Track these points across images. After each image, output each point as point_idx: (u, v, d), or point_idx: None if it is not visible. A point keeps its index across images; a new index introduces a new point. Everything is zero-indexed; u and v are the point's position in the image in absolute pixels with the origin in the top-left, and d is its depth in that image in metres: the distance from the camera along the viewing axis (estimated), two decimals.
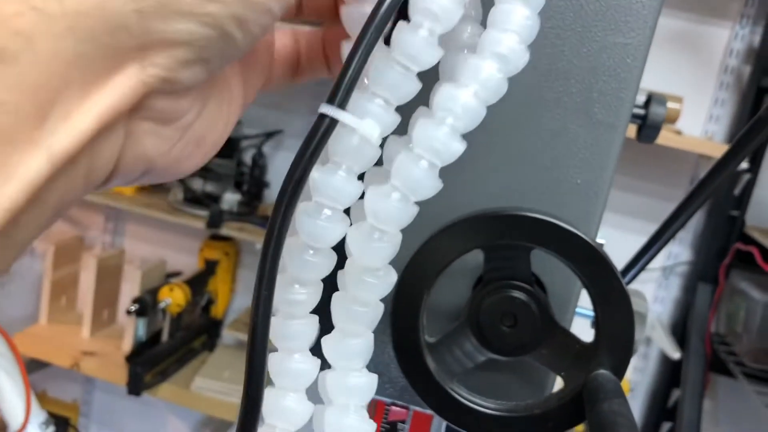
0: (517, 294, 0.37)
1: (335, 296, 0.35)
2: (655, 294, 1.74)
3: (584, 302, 0.41)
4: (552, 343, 0.38)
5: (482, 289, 0.37)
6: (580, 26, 0.38)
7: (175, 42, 0.24)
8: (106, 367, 1.72)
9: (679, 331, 1.69)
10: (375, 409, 0.50)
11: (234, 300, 1.96)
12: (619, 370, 0.39)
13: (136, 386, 1.55)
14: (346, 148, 0.31)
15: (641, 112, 0.59)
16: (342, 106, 0.30)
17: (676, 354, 1.54)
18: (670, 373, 1.73)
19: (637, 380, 1.79)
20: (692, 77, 1.63)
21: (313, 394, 0.36)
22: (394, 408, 0.49)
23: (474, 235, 0.36)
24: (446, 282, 0.38)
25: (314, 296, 0.35)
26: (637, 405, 1.81)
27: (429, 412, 0.48)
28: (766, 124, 0.64)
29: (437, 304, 0.41)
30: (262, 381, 0.31)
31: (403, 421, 0.52)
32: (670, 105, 1.47)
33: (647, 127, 0.59)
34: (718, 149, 1.41)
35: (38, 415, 1.41)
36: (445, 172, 0.32)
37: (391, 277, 0.35)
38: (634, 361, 1.79)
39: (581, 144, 0.39)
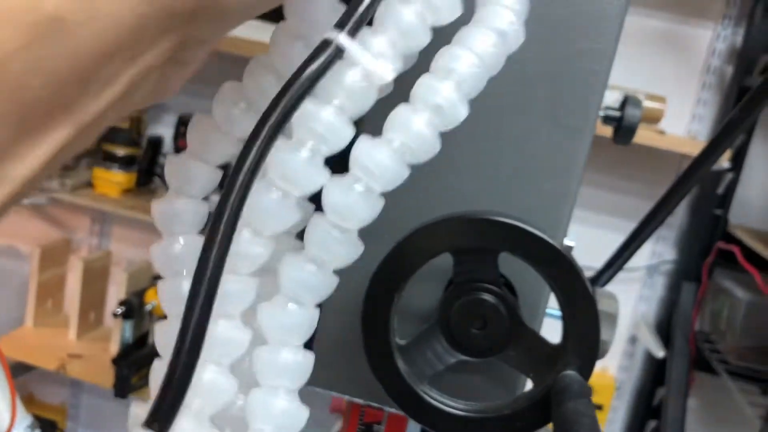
0: (486, 297, 0.38)
1: (285, 259, 0.32)
2: (641, 293, 1.75)
3: (555, 303, 0.42)
4: (520, 345, 0.39)
5: (452, 291, 0.38)
6: (546, 32, 0.38)
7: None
8: (92, 369, 1.71)
9: (664, 329, 1.70)
10: (350, 411, 0.50)
11: None
12: (586, 371, 0.40)
13: (122, 389, 1.55)
14: (347, 86, 0.29)
15: (617, 114, 0.60)
16: (353, 35, 0.28)
17: (660, 353, 1.55)
18: (655, 372, 1.74)
19: (623, 379, 1.80)
20: (675, 77, 1.64)
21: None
22: (368, 410, 0.50)
23: (443, 239, 0.36)
24: (417, 285, 0.39)
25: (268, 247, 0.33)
26: (622, 403, 1.82)
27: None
28: (740, 124, 0.65)
29: (408, 307, 0.42)
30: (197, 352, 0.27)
31: (378, 422, 0.53)
32: (654, 105, 1.48)
33: (623, 128, 0.60)
34: (701, 148, 1.42)
35: (24, 419, 1.40)
36: (413, 179, 0.32)
37: (354, 242, 0.32)
38: (619, 360, 1.80)
39: (548, 149, 0.39)
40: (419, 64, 0.33)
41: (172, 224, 0.35)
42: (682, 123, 1.65)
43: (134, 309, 1.64)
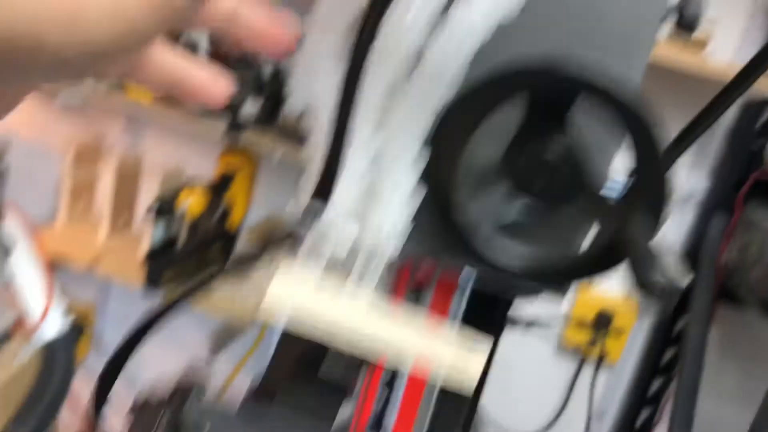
0: (555, 145, 0.37)
1: None
2: (669, 221, 1.74)
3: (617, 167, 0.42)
4: (586, 198, 0.39)
5: (521, 135, 0.37)
6: None
7: None
8: (123, 267, 1.75)
9: (691, 260, 1.70)
10: (401, 271, 0.51)
11: (250, 214, 1.97)
12: (651, 227, 0.40)
13: (153, 281, 1.58)
14: None
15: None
16: None
17: (685, 280, 1.55)
18: (678, 300, 1.74)
19: (644, 306, 1.81)
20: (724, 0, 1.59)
21: None
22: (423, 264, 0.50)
23: (522, 80, 0.36)
24: (484, 138, 0.39)
25: None
26: (642, 331, 1.83)
27: (452, 280, 0.49)
28: None
29: (474, 159, 0.42)
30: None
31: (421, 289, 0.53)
32: (702, 29, 1.44)
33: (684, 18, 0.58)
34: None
35: (57, 310, 1.45)
36: (498, 33, 0.31)
37: None
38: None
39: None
40: None
41: None
42: (730, 49, 1.60)
43: (165, 210, 1.66)
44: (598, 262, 0.40)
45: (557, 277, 0.41)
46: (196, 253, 1.72)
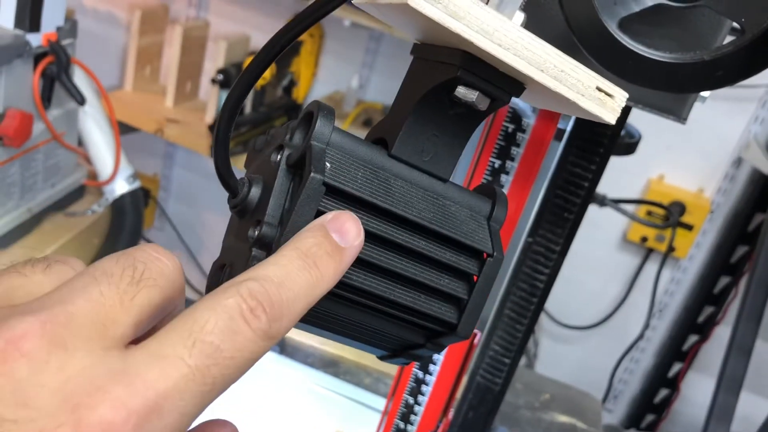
0: None
1: None
2: (756, 113, 1.64)
3: None
4: None
5: None
6: None
7: None
8: (188, 135, 1.75)
9: None
10: None
11: (315, 86, 1.94)
12: None
13: None
14: None
15: None
16: None
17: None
18: (756, 198, 1.67)
19: (719, 202, 1.74)
20: None
21: None
22: None
23: None
24: None
25: None
26: (714, 227, 1.77)
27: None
28: None
29: None
30: None
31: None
32: None
33: None
34: None
35: (126, 169, 1.46)
36: None
37: None
38: (719, 182, 1.73)
39: None
40: None
41: None
42: None
43: (232, 78, 1.64)
44: (742, 63, 0.35)
45: (694, 82, 0.36)
46: (261, 122, 1.71)
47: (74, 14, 1.92)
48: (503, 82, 0.30)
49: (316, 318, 0.30)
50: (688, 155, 1.73)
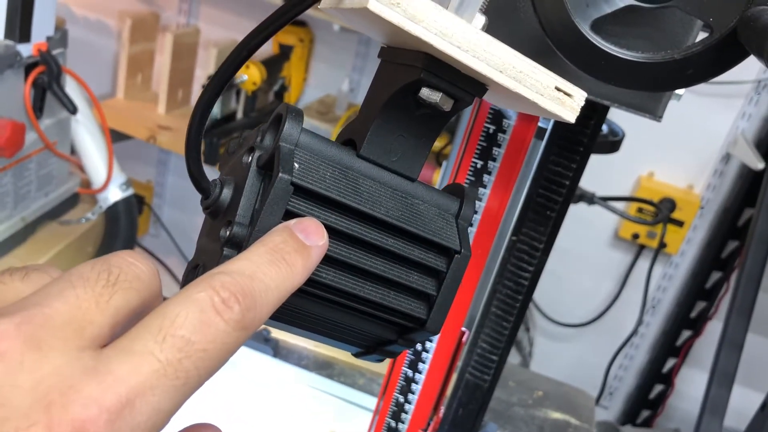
0: None
1: None
2: (743, 110, 1.66)
3: None
4: None
5: None
6: None
7: None
8: (181, 141, 1.73)
9: (763, 148, 1.63)
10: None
11: (306, 90, 1.95)
12: None
13: (212, 155, 1.59)
14: None
15: None
16: None
17: (759, 164, 1.49)
18: (745, 193, 1.69)
19: (709, 198, 1.76)
20: None
21: None
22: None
23: None
24: None
25: None
26: (704, 222, 1.79)
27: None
28: None
29: None
30: None
31: None
32: None
33: None
34: None
35: (119, 177, 1.47)
36: None
37: None
38: (708, 178, 1.75)
39: None
40: None
41: None
42: None
43: None
44: (712, 62, 0.37)
45: (666, 80, 0.37)
46: (252, 127, 1.71)
47: (65, 23, 1.93)
48: (465, 84, 0.31)
49: (289, 316, 0.31)
50: (677, 152, 1.75)
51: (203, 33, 1.93)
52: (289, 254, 0.26)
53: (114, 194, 1.43)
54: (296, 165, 0.29)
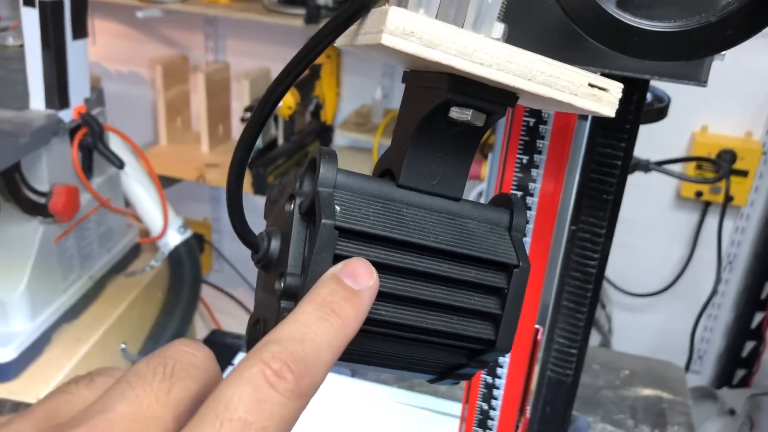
0: None
1: None
2: None
3: None
4: None
5: None
6: None
7: None
8: None
9: None
10: None
11: (341, 104, 1.95)
12: None
13: (260, 185, 1.60)
14: None
15: None
16: None
17: None
18: None
19: None
20: None
21: None
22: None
23: None
24: None
25: None
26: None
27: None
28: None
29: None
30: None
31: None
32: None
33: None
34: None
35: (175, 221, 1.50)
36: None
37: None
38: (766, 122, 1.68)
39: None
40: None
41: None
42: None
43: None
44: (752, 18, 0.35)
45: (705, 46, 0.35)
46: (295, 151, 1.73)
47: (100, 81, 1.98)
48: (495, 96, 0.30)
49: (356, 356, 0.31)
50: (728, 100, 1.68)
51: (233, 66, 1.95)
52: (338, 304, 0.26)
53: (173, 238, 1.46)
54: (337, 208, 0.29)
